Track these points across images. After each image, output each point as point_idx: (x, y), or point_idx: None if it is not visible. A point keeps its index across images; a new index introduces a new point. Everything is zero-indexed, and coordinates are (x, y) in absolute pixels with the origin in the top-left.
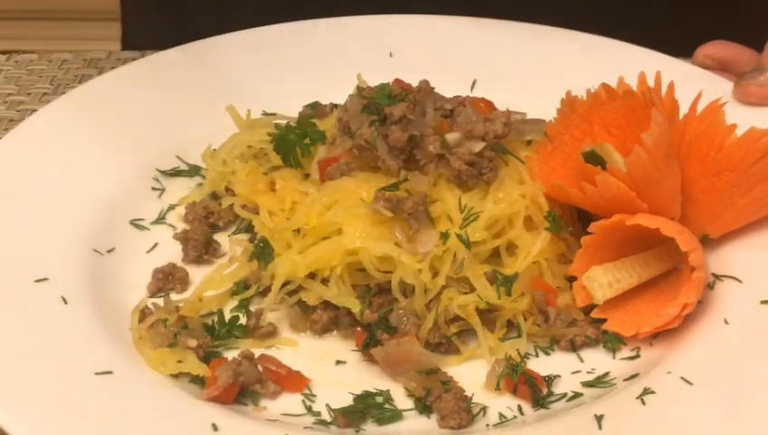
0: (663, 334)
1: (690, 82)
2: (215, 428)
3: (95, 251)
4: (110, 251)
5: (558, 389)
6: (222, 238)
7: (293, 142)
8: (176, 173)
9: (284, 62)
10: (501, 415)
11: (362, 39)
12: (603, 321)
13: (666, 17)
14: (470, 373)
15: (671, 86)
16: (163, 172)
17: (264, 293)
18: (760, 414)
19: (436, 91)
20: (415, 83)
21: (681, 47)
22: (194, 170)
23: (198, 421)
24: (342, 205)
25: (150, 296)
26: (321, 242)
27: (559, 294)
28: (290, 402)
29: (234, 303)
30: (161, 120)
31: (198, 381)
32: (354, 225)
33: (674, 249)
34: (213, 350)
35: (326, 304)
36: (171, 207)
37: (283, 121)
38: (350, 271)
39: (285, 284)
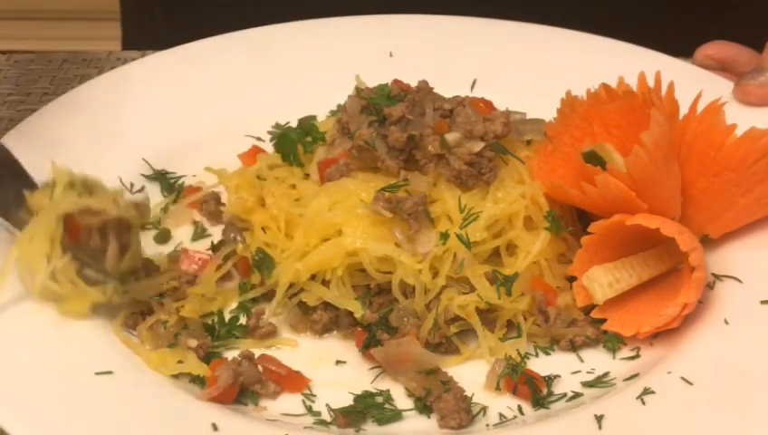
0: (663, 334)
1: (690, 82)
2: (215, 428)
3: None
4: None
5: (558, 389)
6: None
7: (294, 140)
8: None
9: (284, 62)
10: (501, 415)
11: (362, 39)
12: (603, 321)
13: (666, 17)
14: (470, 373)
15: (671, 86)
16: (147, 177)
17: (266, 295)
18: (760, 414)
19: (435, 91)
20: (414, 83)
21: (681, 47)
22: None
23: (198, 421)
24: (342, 205)
25: None
26: (321, 245)
27: (559, 294)
28: (290, 402)
29: (234, 303)
30: (161, 120)
31: (198, 381)
32: (354, 225)
33: (674, 249)
34: (213, 350)
35: (326, 305)
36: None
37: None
38: (350, 272)
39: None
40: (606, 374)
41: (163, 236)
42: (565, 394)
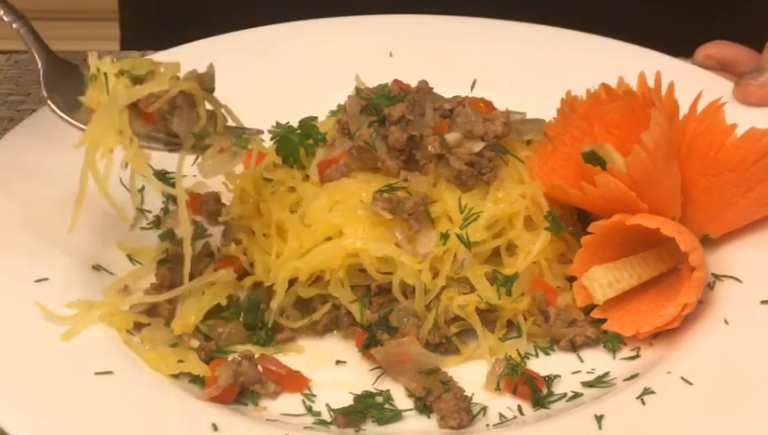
0: (663, 334)
1: (690, 82)
2: (215, 428)
3: (95, 250)
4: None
5: (558, 389)
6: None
7: (296, 143)
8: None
9: (284, 62)
10: (501, 415)
11: (362, 39)
12: (603, 321)
13: (666, 17)
14: (470, 373)
15: (671, 86)
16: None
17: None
18: (760, 414)
19: (435, 91)
20: (414, 83)
21: (681, 47)
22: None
23: (198, 421)
24: (343, 206)
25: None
26: (322, 245)
27: (559, 294)
28: (290, 402)
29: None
30: None
31: (198, 381)
32: (354, 226)
33: (674, 249)
34: (214, 351)
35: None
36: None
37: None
38: (350, 272)
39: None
40: (606, 374)
41: (167, 236)
42: (565, 394)
